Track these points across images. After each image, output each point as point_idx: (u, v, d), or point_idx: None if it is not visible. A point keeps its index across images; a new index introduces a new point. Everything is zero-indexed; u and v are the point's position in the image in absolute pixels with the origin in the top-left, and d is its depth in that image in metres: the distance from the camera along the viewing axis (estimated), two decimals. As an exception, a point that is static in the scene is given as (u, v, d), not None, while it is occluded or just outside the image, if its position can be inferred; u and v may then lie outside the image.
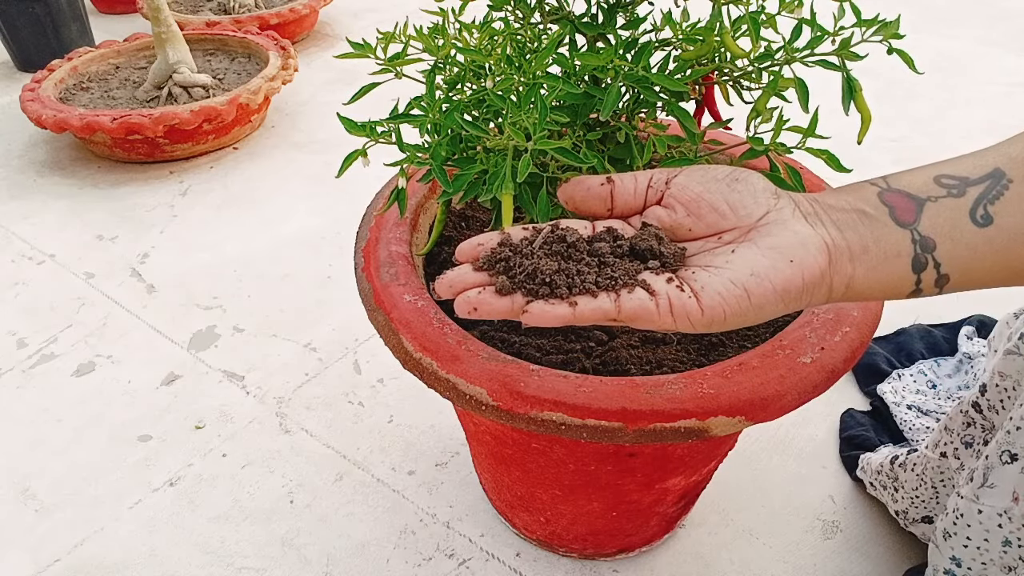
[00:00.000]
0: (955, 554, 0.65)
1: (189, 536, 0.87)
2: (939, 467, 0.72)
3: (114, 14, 2.54)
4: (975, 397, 0.68)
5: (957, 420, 0.70)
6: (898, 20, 0.48)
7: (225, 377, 1.08)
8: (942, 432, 0.72)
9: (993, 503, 0.61)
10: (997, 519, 0.61)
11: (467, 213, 0.74)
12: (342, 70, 2.02)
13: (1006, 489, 0.60)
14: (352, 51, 0.55)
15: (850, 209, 0.41)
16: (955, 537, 0.65)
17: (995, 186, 0.41)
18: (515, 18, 0.59)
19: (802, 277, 0.39)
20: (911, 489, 0.76)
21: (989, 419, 0.67)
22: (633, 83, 0.51)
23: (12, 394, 1.07)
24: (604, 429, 0.49)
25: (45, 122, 1.51)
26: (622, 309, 0.38)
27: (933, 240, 0.41)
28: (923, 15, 2.19)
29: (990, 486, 0.61)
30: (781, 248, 0.39)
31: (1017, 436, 0.58)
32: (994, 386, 0.66)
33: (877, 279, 0.41)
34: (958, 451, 0.70)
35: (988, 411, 0.67)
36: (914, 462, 0.76)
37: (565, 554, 0.82)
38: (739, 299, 0.38)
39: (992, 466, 0.61)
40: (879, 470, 0.82)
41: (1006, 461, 0.59)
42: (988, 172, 0.41)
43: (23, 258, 1.35)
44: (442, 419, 0.99)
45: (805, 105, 0.51)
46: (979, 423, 0.68)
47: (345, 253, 1.30)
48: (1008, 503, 0.60)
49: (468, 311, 0.38)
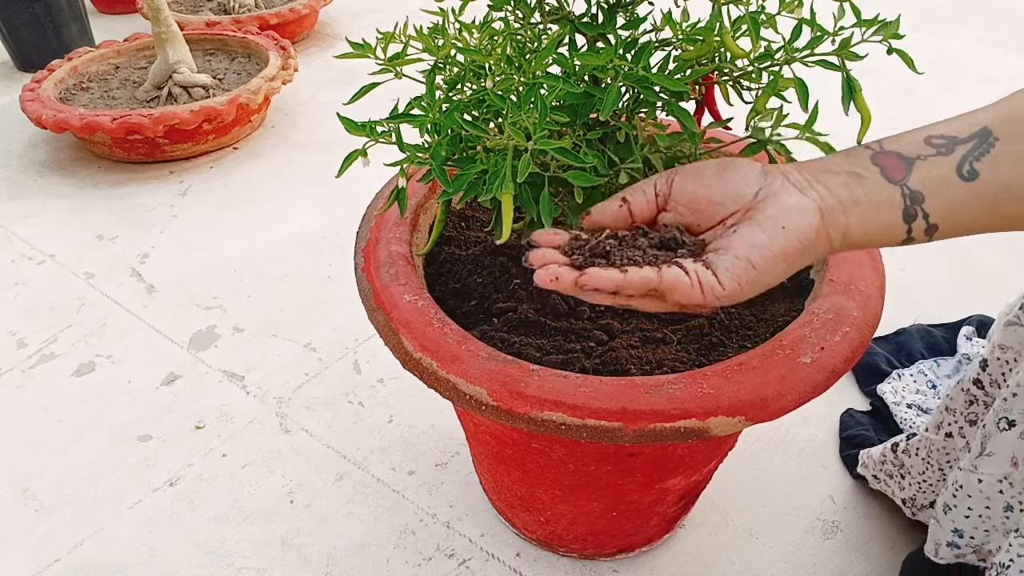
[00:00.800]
0: (957, 526, 0.65)
1: (189, 536, 0.87)
2: (944, 448, 0.71)
3: (114, 14, 2.54)
4: (976, 373, 0.68)
5: (959, 399, 0.69)
6: (898, 20, 0.48)
7: (225, 377, 1.08)
8: (943, 413, 0.71)
9: (992, 471, 0.60)
10: (997, 486, 0.60)
11: (467, 213, 0.74)
12: (342, 70, 2.02)
13: (1005, 455, 0.59)
14: (352, 51, 0.55)
15: (842, 172, 0.45)
16: (955, 510, 0.64)
17: (982, 144, 0.44)
18: (515, 18, 0.59)
19: (797, 239, 0.43)
20: (918, 474, 0.75)
21: (991, 394, 0.66)
22: (633, 83, 0.51)
23: (12, 394, 1.07)
24: (604, 429, 0.49)
25: (45, 122, 1.51)
26: (663, 279, 0.43)
27: (921, 193, 0.44)
28: (923, 15, 2.19)
29: (988, 454, 0.60)
30: (775, 217, 0.44)
31: (1015, 403, 0.58)
32: (995, 359, 0.65)
33: (871, 227, 0.45)
34: (963, 430, 0.69)
35: (990, 386, 0.67)
36: (917, 446, 0.75)
37: (565, 554, 0.82)
38: (745, 270, 0.43)
39: (990, 434, 0.60)
40: (882, 460, 0.81)
41: (1003, 428, 0.59)
42: (976, 131, 0.44)
43: (23, 258, 1.35)
44: (442, 419, 0.99)
45: (805, 104, 0.51)
46: (981, 400, 0.67)
47: (345, 253, 1.30)
48: (1008, 468, 0.59)
49: (550, 280, 0.44)
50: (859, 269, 0.59)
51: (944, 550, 0.67)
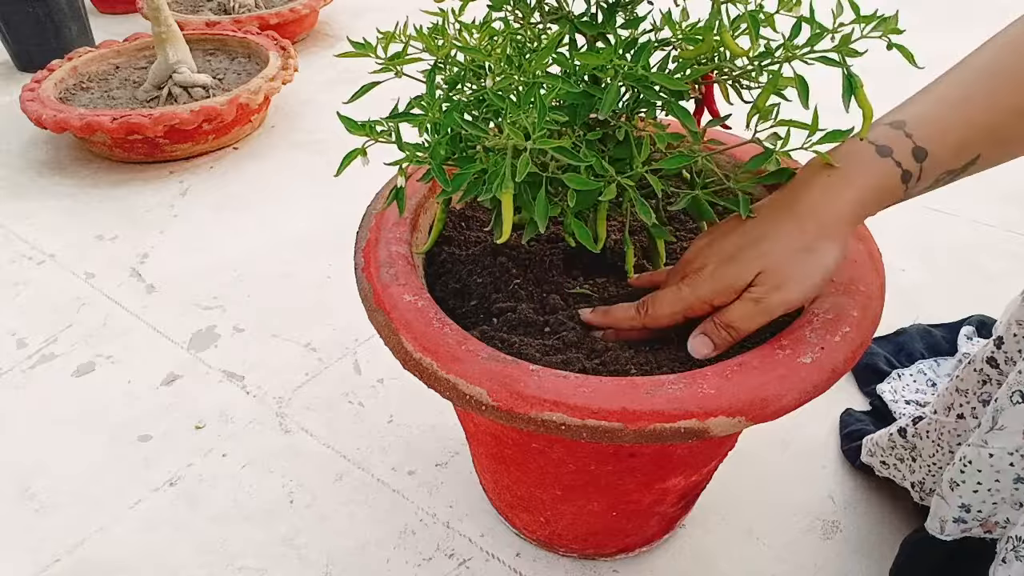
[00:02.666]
0: (964, 501, 0.64)
1: (189, 536, 0.86)
2: (955, 430, 0.70)
3: (114, 14, 2.54)
4: (990, 352, 0.66)
5: (971, 379, 0.68)
6: (896, 15, 0.48)
7: (225, 377, 1.08)
8: (954, 394, 0.70)
9: (1003, 444, 0.60)
10: (1008, 458, 0.60)
11: (467, 213, 0.74)
12: (342, 70, 2.02)
13: (1016, 428, 0.58)
14: (352, 50, 0.55)
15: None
16: (963, 485, 0.63)
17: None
18: (515, 18, 0.59)
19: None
20: (928, 456, 0.74)
21: (1006, 373, 0.65)
22: (633, 82, 0.51)
23: (12, 394, 1.07)
24: (604, 429, 0.49)
25: (45, 122, 1.51)
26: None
27: (902, 120, 0.52)
28: (923, 15, 2.19)
29: (1000, 428, 0.59)
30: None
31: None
32: (1011, 336, 0.64)
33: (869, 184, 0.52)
34: (976, 410, 0.68)
35: (1005, 364, 0.65)
36: (927, 429, 0.74)
37: (565, 554, 0.82)
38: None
39: (1002, 408, 0.59)
40: (891, 444, 0.80)
41: (1017, 401, 0.58)
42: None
43: (23, 258, 1.35)
44: (442, 419, 0.99)
45: (805, 102, 0.51)
46: (995, 379, 0.66)
47: (345, 253, 1.30)
48: (1020, 441, 0.59)
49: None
50: (859, 269, 0.59)
51: (950, 526, 0.66)
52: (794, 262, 0.52)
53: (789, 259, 0.52)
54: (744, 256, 0.53)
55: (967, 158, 0.52)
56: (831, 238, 0.52)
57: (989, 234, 1.31)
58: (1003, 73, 0.51)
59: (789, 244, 0.52)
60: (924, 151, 0.50)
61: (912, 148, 0.51)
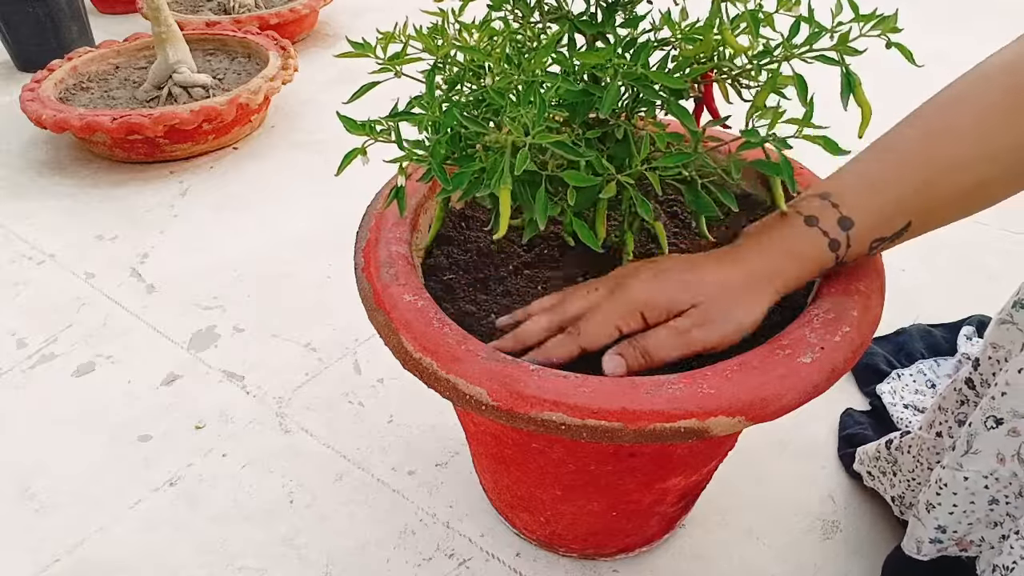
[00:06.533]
0: (940, 523, 0.65)
1: (189, 536, 0.86)
2: (934, 447, 0.71)
3: (114, 14, 2.54)
4: (968, 373, 0.67)
5: (951, 398, 0.69)
6: (896, 15, 0.48)
7: (225, 377, 1.08)
8: (936, 411, 0.71)
9: (979, 467, 0.60)
10: (983, 481, 0.60)
11: (467, 213, 0.74)
12: (342, 70, 2.02)
13: (991, 453, 0.59)
14: (352, 50, 0.55)
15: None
16: (939, 508, 0.64)
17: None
18: (514, 18, 0.59)
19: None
20: (907, 471, 0.75)
21: (981, 394, 0.66)
22: (632, 81, 0.51)
23: (12, 394, 1.07)
24: (604, 429, 0.49)
25: (45, 122, 1.51)
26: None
27: (828, 192, 0.55)
28: (923, 15, 2.19)
29: (974, 452, 0.60)
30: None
31: (1002, 401, 0.57)
32: (987, 358, 0.65)
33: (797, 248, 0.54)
34: (952, 429, 0.69)
35: (980, 386, 0.66)
36: (909, 444, 0.75)
37: (565, 554, 0.82)
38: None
39: (976, 432, 0.60)
40: (876, 456, 0.81)
41: (991, 427, 0.59)
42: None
43: (23, 258, 1.35)
44: (442, 419, 0.99)
45: (804, 100, 0.51)
46: (971, 400, 0.67)
47: (345, 253, 1.30)
48: (994, 465, 0.59)
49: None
50: (859, 269, 0.59)
51: (927, 547, 0.67)
52: (724, 307, 0.54)
53: (720, 302, 0.54)
54: (686, 280, 0.55)
55: (898, 225, 0.54)
56: (757, 296, 0.55)
57: (989, 234, 1.31)
58: (941, 129, 0.53)
59: (726, 289, 0.55)
60: (850, 220, 0.53)
61: (838, 218, 0.54)
